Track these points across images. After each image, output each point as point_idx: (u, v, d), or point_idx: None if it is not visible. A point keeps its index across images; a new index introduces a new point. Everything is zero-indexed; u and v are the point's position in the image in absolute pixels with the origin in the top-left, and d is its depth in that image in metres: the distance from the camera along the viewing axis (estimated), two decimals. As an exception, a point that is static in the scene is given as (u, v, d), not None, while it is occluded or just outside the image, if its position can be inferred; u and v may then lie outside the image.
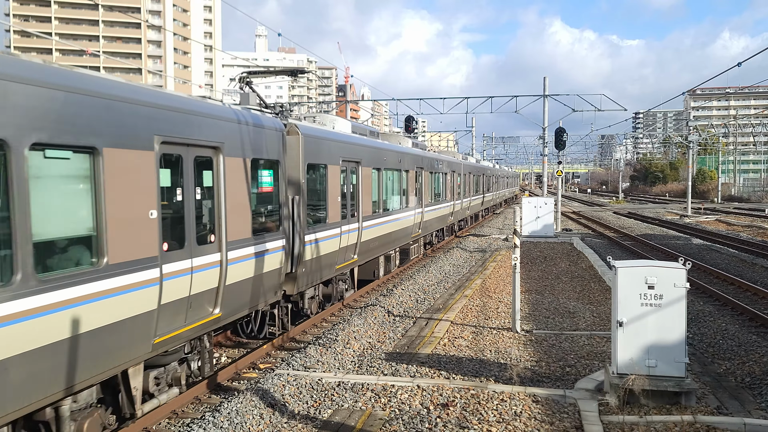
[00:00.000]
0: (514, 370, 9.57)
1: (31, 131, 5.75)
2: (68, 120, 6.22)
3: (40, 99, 5.89)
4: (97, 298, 6.53)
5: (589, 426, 7.26)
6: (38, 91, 5.90)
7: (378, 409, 8.02)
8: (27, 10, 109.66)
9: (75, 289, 6.25)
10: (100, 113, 6.63)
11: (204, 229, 8.72)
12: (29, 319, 5.73)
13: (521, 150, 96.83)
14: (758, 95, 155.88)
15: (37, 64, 6.16)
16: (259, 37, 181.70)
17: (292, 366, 10.18)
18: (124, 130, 6.99)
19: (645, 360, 8.02)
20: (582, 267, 20.41)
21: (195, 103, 8.63)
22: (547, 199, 31.41)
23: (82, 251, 6.63)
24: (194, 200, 8.36)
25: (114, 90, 6.97)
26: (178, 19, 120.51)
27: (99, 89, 6.72)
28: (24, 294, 5.68)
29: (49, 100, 5.99)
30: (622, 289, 8.11)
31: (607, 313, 12.90)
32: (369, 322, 13.37)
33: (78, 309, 6.29)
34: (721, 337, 11.95)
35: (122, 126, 6.96)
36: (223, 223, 8.94)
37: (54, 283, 6.00)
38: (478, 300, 15.27)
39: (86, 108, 6.46)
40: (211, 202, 8.86)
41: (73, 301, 6.22)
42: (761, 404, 8.50)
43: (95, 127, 6.55)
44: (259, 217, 10.49)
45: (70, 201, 6.59)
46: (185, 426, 8.14)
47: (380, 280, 18.43)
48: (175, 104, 8.07)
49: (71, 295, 6.19)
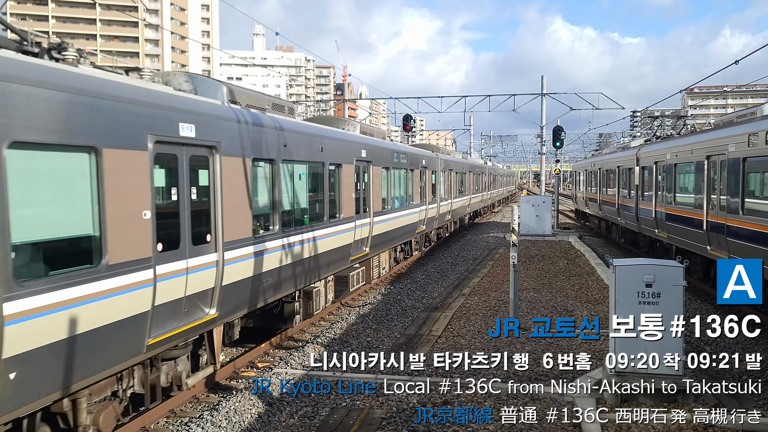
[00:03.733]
0: (512, 369, 9.57)
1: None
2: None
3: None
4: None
5: (586, 424, 7.27)
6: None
7: (376, 408, 8.03)
8: (24, 8, 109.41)
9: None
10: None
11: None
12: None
13: (519, 148, 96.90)
14: (756, 93, 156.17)
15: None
16: (257, 35, 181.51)
17: (290, 365, 10.19)
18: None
19: (643, 358, 8.03)
20: (580, 265, 20.43)
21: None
22: (545, 197, 31.44)
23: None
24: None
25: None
26: (175, 18, 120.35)
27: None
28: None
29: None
30: (619, 287, 8.13)
31: (605, 312, 12.91)
32: (367, 321, 13.39)
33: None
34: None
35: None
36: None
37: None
38: (476, 298, 15.29)
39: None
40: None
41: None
42: (759, 402, 8.51)
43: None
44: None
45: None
46: (183, 425, 8.14)
47: (386, 274, 18.59)
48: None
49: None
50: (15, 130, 5.72)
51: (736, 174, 13.28)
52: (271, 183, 10.49)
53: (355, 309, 14.76)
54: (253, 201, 9.75)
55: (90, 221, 6.62)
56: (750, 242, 12.56)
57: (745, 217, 12.80)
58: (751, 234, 12.50)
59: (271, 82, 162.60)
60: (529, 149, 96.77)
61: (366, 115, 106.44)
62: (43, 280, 6.02)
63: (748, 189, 13.09)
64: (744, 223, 12.86)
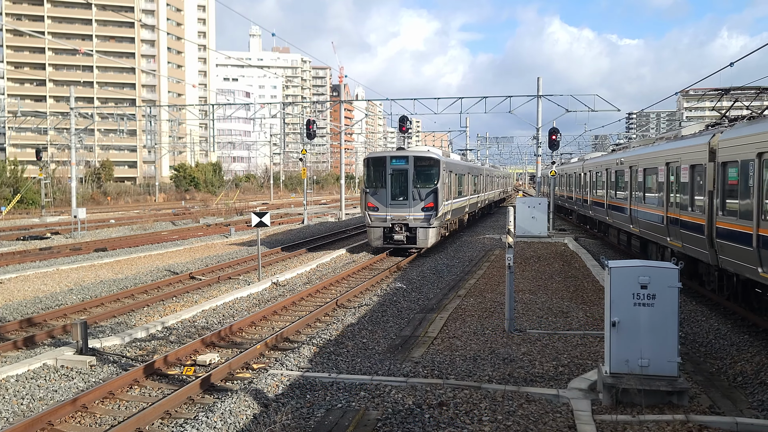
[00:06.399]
0: (508, 370, 9.59)
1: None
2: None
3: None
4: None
5: (582, 425, 7.28)
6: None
7: (371, 409, 8.02)
8: (20, 8, 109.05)
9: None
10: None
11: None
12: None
13: (515, 150, 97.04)
14: (750, 96, 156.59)
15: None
16: (253, 36, 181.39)
17: (286, 366, 10.17)
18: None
19: (638, 359, 8.05)
20: (575, 267, 20.47)
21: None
22: (540, 199, 31.50)
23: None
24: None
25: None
26: (171, 19, 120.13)
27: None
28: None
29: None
30: (615, 289, 8.14)
31: (600, 313, 12.93)
32: (362, 322, 13.38)
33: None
34: (714, 337, 12.01)
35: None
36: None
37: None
38: (472, 299, 15.29)
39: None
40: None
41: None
42: (753, 403, 8.53)
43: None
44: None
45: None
46: (178, 426, 8.13)
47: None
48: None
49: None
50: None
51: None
52: (455, 179, 28.87)
53: (351, 310, 14.76)
54: (453, 186, 28.13)
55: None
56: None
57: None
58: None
59: (268, 83, 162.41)
60: (525, 151, 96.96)
61: (362, 117, 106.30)
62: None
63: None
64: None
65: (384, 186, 24.51)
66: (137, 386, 10.07)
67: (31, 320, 14.20)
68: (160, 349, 12.18)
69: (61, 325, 13.60)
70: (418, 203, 24.32)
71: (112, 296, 16.77)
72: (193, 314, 14.79)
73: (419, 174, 24.61)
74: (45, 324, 14.21)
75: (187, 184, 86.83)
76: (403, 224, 24.37)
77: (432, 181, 24.67)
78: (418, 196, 24.38)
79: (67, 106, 44.83)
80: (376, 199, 24.58)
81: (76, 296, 17.15)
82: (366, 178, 25.31)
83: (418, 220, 24.31)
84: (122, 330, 13.48)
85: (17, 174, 61.35)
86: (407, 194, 24.37)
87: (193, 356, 11.51)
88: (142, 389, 10.00)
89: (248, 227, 34.85)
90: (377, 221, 24.52)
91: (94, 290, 18.02)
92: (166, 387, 10.02)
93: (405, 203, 24.37)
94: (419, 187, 24.47)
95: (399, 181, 24.55)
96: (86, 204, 61.45)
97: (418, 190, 24.41)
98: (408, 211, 24.30)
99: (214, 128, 45.91)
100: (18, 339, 12.48)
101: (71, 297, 17.04)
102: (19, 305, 16.08)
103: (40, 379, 10.31)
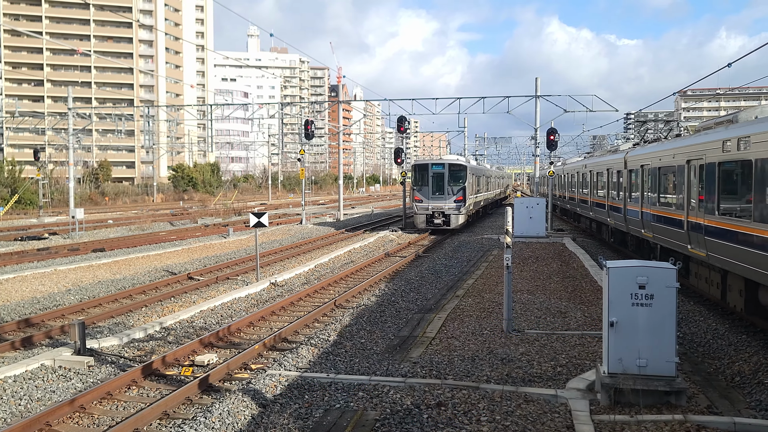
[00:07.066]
0: (506, 370, 9.59)
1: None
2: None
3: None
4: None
5: (580, 426, 7.28)
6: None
7: (370, 410, 8.02)
8: (17, 9, 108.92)
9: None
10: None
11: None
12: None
13: (513, 150, 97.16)
14: (748, 96, 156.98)
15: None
16: (251, 36, 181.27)
17: (284, 366, 10.17)
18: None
19: (636, 359, 8.05)
20: (573, 267, 20.48)
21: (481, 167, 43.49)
22: (539, 199, 31.52)
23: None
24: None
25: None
26: (169, 19, 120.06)
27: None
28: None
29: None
30: (613, 289, 8.14)
31: (598, 313, 12.94)
32: (361, 323, 13.38)
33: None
34: (712, 337, 12.02)
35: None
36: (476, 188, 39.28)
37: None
38: (470, 300, 15.30)
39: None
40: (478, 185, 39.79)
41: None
42: (751, 403, 8.55)
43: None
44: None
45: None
46: (177, 427, 8.12)
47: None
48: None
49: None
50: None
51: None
52: (475, 180, 37.59)
53: (349, 310, 14.76)
54: (473, 185, 36.52)
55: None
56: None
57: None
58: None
59: (266, 83, 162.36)
60: (524, 151, 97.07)
61: (360, 117, 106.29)
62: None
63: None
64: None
65: (427, 185, 33.40)
66: (135, 387, 10.06)
67: (29, 321, 14.19)
68: (158, 350, 12.16)
69: (58, 326, 13.58)
70: (451, 197, 33.26)
71: (110, 297, 16.77)
72: (192, 315, 14.78)
73: (452, 176, 33.40)
74: (43, 324, 14.20)
75: (185, 185, 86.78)
76: (441, 212, 33.26)
77: (461, 181, 33.48)
78: (452, 192, 33.27)
79: (65, 107, 44.80)
80: (421, 194, 33.47)
81: (74, 297, 17.14)
82: (413, 179, 33.96)
83: (452, 209, 33.21)
84: (120, 330, 13.47)
85: (15, 174, 61.30)
86: (443, 190, 33.27)
87: (191, 357, 11.51)
88: (140, 390, 9.99)
89: (246, 227, 34.83)
90: (422, 210, 33.55)
91: (92, 291, 18.01)
92: (165, 387, 10.01)
93: (442, 197, 33.28)
94: (452, 185, 33.33)
95: (438, 181, 33.36)
96: (84, 204, 61.37)
97: (451, 188, 33.29)
98: (444, 203, 33.23)
99: (212, 128, 45.87)
100: (16, 339, 12.47)
101: (69, 297, 17.02)
102: (16, 306, 16.07)
103: (37, 380, 10.30)
